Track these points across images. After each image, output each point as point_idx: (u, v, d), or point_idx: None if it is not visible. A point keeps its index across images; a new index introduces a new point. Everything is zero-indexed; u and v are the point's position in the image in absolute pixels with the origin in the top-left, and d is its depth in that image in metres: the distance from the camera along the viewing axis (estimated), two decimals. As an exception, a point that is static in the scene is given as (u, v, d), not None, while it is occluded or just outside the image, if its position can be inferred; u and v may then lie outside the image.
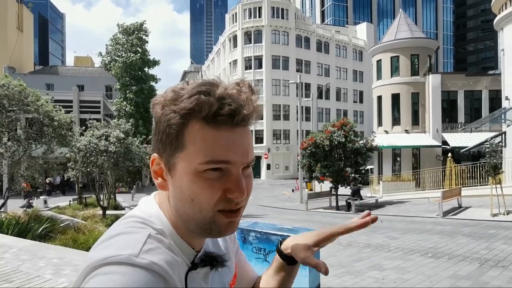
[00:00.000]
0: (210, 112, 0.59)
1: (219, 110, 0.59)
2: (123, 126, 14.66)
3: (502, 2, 17.97)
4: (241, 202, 0.64)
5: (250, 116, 0.63)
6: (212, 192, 0.61)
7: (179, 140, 0.61)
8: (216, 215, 0.63)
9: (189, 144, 0.61)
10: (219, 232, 0.65)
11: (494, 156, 10.94)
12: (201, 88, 0.60)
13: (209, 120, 0.60)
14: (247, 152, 0.64)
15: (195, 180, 0.61)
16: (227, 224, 0.64)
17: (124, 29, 35.49)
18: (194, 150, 0.60)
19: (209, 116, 0.59)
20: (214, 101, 0.59)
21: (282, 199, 22.88)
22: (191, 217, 0.64)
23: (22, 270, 4.85)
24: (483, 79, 23.15)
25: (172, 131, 0.61)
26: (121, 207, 17.73)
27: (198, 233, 0.66)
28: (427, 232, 9.37)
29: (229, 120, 0.60)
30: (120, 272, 0.53)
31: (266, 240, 4.73)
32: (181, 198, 0.64)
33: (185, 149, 0.61)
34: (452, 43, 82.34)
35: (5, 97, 9.73)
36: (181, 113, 0.60)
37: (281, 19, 45.14)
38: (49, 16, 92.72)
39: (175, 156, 0.62)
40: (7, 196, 10.63)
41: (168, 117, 0.61)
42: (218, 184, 0.61)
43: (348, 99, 51.70)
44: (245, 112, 0.61)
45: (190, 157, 0.61)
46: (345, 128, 16.08)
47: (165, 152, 0.64)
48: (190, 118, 0.60)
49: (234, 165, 0.62)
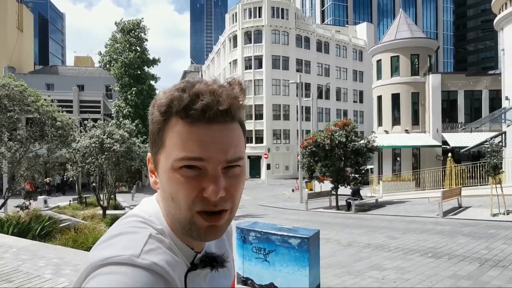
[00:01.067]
0: (180, 106, 0.59)
1: (191, 104, 0.59)
2: (128, 126, 14.74)
3: (502, 2, 17.97)
4: (221, 203, 0.61)
5: (227, 112, 0.60)
6: (188, 190, 0.60)
7: (159, 137, 0.63)
8: (195, 216, 0.61)
9: (167, 141, 0.61)
10: (199, 235, 0.63)
11: (494, 156, 10.94)
12: (179, 85, 0.62)
13: (183, 115, 0.60)
14: (225, 150, 0.61)
15: (172, 177, 0.61)
16: (207, 228, 0.62)
17: (122, 27, 35.36)
18: (170, 146, 0.61)
19: (180, 110, 0.59)
20: (186, 96, 0.59)
21: (282, 199, 22.87)
22: (174, 216, 0.64)
23: (22, 270, 4.84)
24: (483, 79, 23.14)
25: (155, 129, 0.63)
26: (121, 207, 17.72)
27: (183, 234, 0.65)
28: (427, 232, 9.37)
29: (202, 116, 0.59)
30: (121, 273, 0.53)
31: (266, 240, 4.74)
32: (164, 196, 0.64)
33: (165, 145, 0.62)
34: (452, 43, 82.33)
35: (5, 97, 9.73)
36: (160, 110, 0.62)
37: (281, 19, 45.12)
38: (49, 16, 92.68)
39: (158, 153, 0.64)
40: (7, 196, 10.62)
41: (153, 115, 0.64)
42: (194, 182, 0.60)
43: (348, 99, 51.69)
44: (220, 108, 0.59)
45: (168, 153, 0.61)
46: (347, 128, 16.08)
47: (153, 149, 0.65)
48: (169, 115, 0.61)
49: (210, 162, 0.60)
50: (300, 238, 4.41)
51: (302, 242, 4.39)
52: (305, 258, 4.36)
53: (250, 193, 25.85)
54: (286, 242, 4.51)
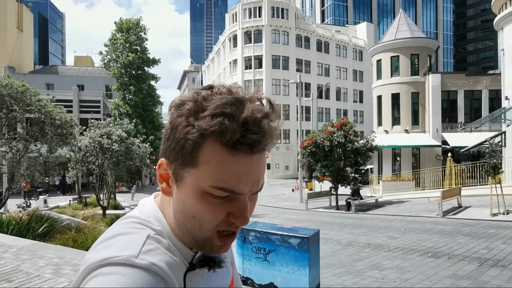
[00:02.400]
0: (232, 140, 0.56)
1: (241, 138, 0.56)
2: (125, 126, 14.70)
3: (502, 2, 17.97)
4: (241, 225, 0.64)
5: (269, 144, 0.61)
6: (216, 214, 0.61)
7: (193, 156, 0.59)
8: (214, 235, 0.63)
9: (202, 163, 0.58)
10: (211, 250, 0.66)
11: (494, 156, 10.94)
12: (225, 109, 0.57)
13: (229, 146, 0.57)
14: (258, 181, 0.62)
15: (200, 200, 0.60)
16: (221, 246, 0.65)
17: (120, 26, 35.25)
18: (206, 170, 0.58)
19: (229, 143, 0.57)
20: (238, 128, 0.56)
21: (282, 199, 22.88)
22: (189, 230, 0.64)
23: (22, 270, 4.85)
24: (483, 79, 23.15)
25: (188, 146, 0.58)
26: (121, 207, 17.71)
27: (191, 245, 0.66)
28: (426, 232, 9.37)
29: (249, 149, 0.58)
30: (119, 273, 0.53)
31: (266, 240, 4.74)
32: (183, 211, 0.63)
33: (197, 166, 0.59)
34: (452, 43, 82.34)
35: (7, 96, 9.74)
36: (201, 132, 0.57)
37: (281, 18, 45.12)
38: (49, 16, 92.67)
39: (185, 170, 0.60)
40: (7, 195, 10.63)
41: (186, 130, 0.59)
42: (223, 207, 0.61)
43: (348, 98, 51.68)
44: (266, 142, 0.60)
45: (201, 176, 0.59)
46: (345, 128, 16.07)
47: (176, 161, 0.61)
48: (209, 138, 0.57)
49: (244, 194, 0.61)
50: (300, 238, 4.41)
51: (302, 242, 4.39)
52: (305, 258, 4.36)
53: (250, 193, 25.79)
54: (286, 242, 4.51)
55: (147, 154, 15.65)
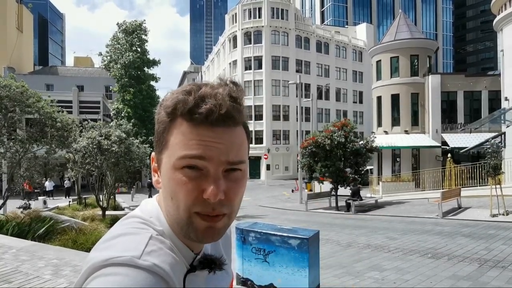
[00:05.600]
0: (185, 110, 0.61)
1: (195, 108, 0.60)
2: (124, 126, 14.70)
3: (501, 3, 18.00)
4: (219, 208, 0.61)
5: (228, 117, 0.61)
6: (188, 190, 0.60)
7: (163, 136, 0.64)
8: (193, 216, 0.61)
9: (171, 140, 0.63)
10: (197, 236, 0.63)
11: (494, 156, 10.94)
12: (186, 88, 0.63)
13: (187, 118, 0.61)
14: (227, 151, 0.61)
15: (173, 177, 0.62)
16: (206, 229, 0.62)
17: (124, 29, 35.43)
18: (173, 145, 0.62)
19: (184, 113, 0.61)
20: (191, 99, 0.60)
21: (281, 200, 22.87)
22: (173, 216, 0.64)
23: (21, 271, 4.84)
24: (483, 80, 23.17)
25: (160, 128, 0.65)
26: (121, 208, 17.71)
27: (182, 235, 0.65)
28: (426, 233, 9.37)
29: (205, 119, 0.60)
30: (122, 274, 0.53)
31: (265, 241, 4.73)
32: (165, 196, 0.65)
33: (168, 145, 0.63)
34: (452, 43, 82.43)
35: (6, 97, 9.72)
36: (166, 111, 0.63)
37: (281, 19, 45.14)
38: (49, 17, 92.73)
39: (162, 152, 0.65)
40: (7, 196, 10.61)
41: (159, 115, 0.65)
42: (194, 183, 0.60)
43: (347, 99, 51.69)
44: (221, 112, 0.60)
45: (171, 152, 0.62)
46: (346, 129, 16.08)
47: (157, 149, 0.67)
48: (174, 116, 0.62)
49: (211, 162, 0.60)
50: (300, 239, 4.41)
51: (302, 242, 4.39)
52: (305, 259, 4.36)
53: (250, 193, 25.83)
54: (286, 242, 4.50)
55: (146, 154, 15.66)
